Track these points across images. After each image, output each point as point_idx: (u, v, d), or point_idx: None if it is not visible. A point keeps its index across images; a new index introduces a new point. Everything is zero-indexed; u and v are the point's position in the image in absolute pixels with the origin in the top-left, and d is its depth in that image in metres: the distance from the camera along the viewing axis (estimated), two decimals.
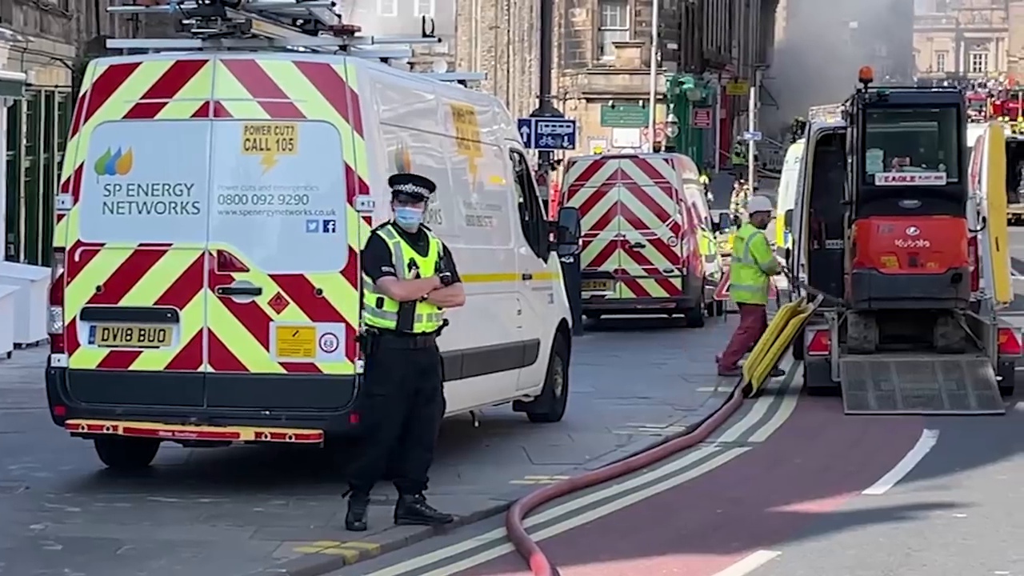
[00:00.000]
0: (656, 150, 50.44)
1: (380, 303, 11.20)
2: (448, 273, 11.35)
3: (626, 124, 63.19)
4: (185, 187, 12.59)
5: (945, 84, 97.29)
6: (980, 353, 18.78)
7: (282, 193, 12.52)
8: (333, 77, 12.62)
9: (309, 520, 11.49)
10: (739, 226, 35.72)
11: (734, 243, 21.67)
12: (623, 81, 64.97)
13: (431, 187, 11.57)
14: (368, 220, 12.38)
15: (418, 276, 11.22)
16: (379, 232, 11.38)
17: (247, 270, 12.48)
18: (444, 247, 11.52)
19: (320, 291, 12.41)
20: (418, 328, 11.22)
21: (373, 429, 11.31)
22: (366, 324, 11.32)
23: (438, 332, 11.40)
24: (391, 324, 11.20)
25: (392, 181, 11.61)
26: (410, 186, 11.41)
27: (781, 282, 26.85)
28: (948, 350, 18.95)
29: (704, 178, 49.46)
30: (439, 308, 11.37)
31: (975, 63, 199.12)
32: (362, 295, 11.78)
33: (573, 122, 32.23)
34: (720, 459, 14.91)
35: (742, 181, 54.83)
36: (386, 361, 11.22)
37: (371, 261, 11.31)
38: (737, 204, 49.20)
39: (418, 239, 11.35)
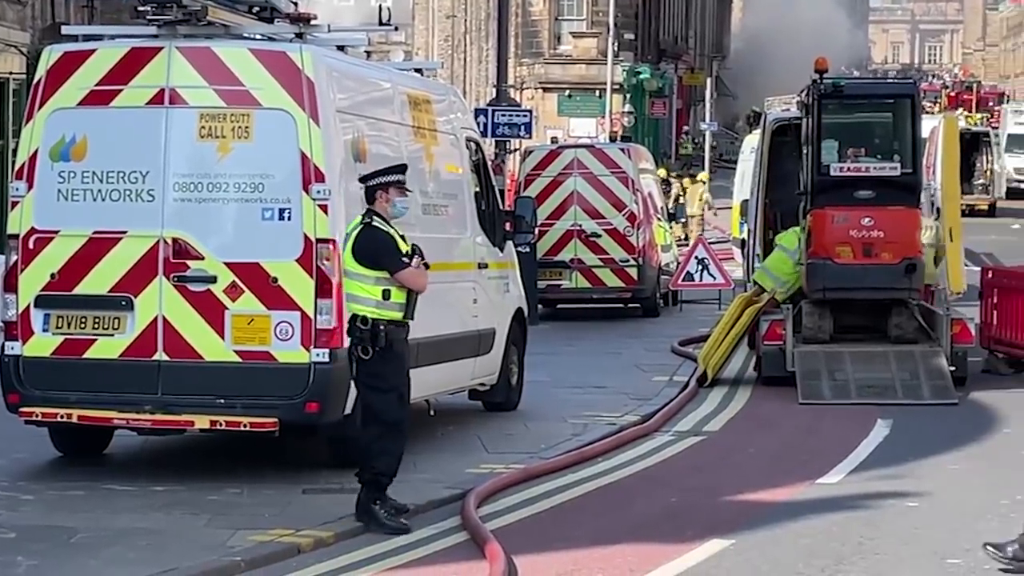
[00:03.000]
0: (612, 140, 50.42)
1: (387, 295, 11.05)
2: (426, 260, 11.37)
3: (583, 114, 63.21)
4: (140, 175, 12.54)
5: (899, 75, 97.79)
6: (934, 343, 18.88)
7: (238, 181, 12.48)
8: (289, 65, 12.59)
9: (264, 508, 11.47)
10: (677, 219, 35.70)
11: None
12: (580, 71, 64.97)
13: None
14: (324, 208, 12.38)
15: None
16: (375, 224, 11.19)
17: (202, 258, 12.44)
18: None
19: (276, 279, 12.38)
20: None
21: (398, 422, 11.18)
22: (370, 318, 11.07)
23: None
24: (398, 315, 11.11)
25: (390, 171, 11.49)
26: (402, 176, 11.39)
27: (737, 272, 26.98)
28: (902, 340, 19.05)
29: (704, 176, 49.51)
30: None
31: (930, 55, 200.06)
32: (313, 285, 11.68)
33: (530, 111, 32.23)
34: (675, 448, 14.97)
35: (675, 174, 54.83)
36: (400, 352, 11.16)
37: (388, 254, 11.09)
38: (679, 196, 49.21)
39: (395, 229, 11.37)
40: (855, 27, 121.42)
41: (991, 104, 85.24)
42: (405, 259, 11.08)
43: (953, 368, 18.43)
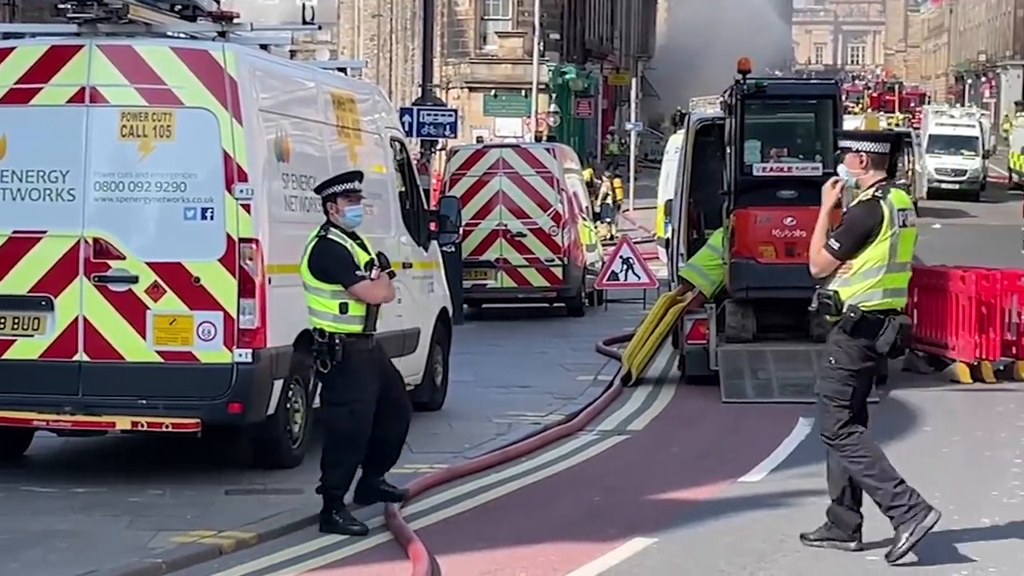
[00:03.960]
0: (538, 139, 50.53)
1: (344, 308, 10.94)
2: (392, 269, 11.35)
3: (508, 113, 63.27)
4: (60, 174, 12.45)
5: (822, 76, 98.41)
6: None
7: (159, 180, 12.42)
8: (211, 64, 12.54)
9: (186, 510, 11.42)
10: (602, 218, 35.78)
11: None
12: (506, 70, 65.02)
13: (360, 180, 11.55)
14: (247, 208, 12.34)
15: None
16: (330, 236, 11.09)
17: (124, 258, 12.37)
18: None
19: (198, 279, 12.33)
20: (378, 328, 11.18)
21: (351, 437, 11.07)
22: (327, 332, 10.99)
23: None
24: (358, 328, 11.01)
25: (336, 181, 11.41)
26: (355, 183, 11.33)
27: (662, 271, 27.08)
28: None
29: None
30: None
31: (853, 55, 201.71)
32: (236, 285, 11.64)
33: (455, 111, 32.24)
34: (599, 447, 15.01)
35: (608, 173, 55.03)
36: (359, 367, 11.03)
37: (341, 267, 11.00)
38: (607, 195, 49.41)
39: (355, 238, 11.27)
40: (779, 28, 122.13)
41: (913, 105, 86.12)
42: (359, 272, 10.98)
43: None
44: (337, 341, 10.93)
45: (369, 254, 11.22)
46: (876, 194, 10.32)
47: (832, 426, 10.46)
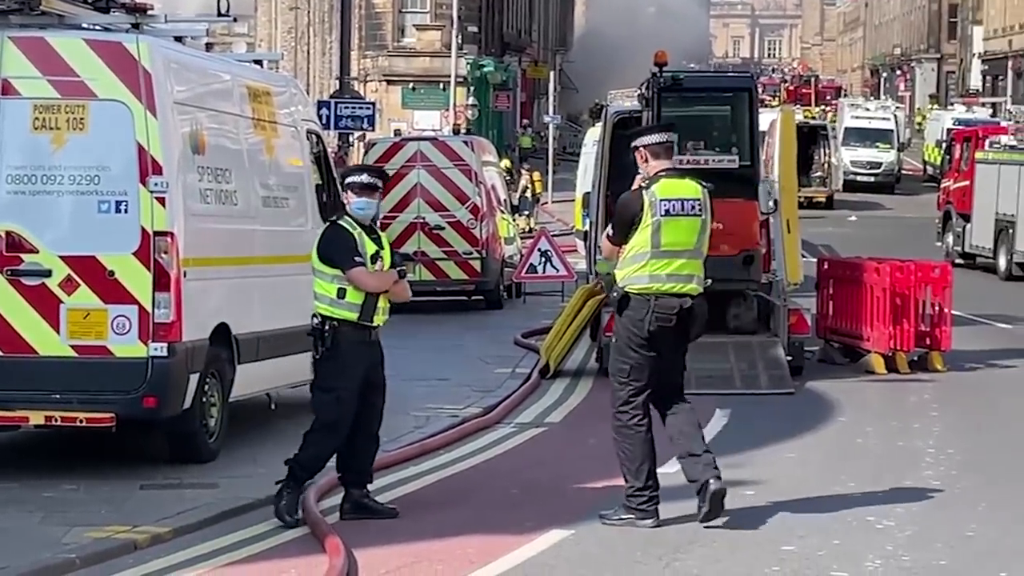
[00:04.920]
0: (456, 132, 50.49)
1: (342, 294, 11.02)
2: (404, 267, 11.45)
3: (427, 106, 63.15)
4: None
5: (738, 69, 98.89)
6: (771, 334, 19.15)
7: (73, 173, 12.32)
8: (125, 56, 12.45)
9: (100, 505, 11.34)
10: (521, 211, 35.90)
11: None
12: (424, 63, 64.91)
13: (385, 178, 11.63)
14: (161, 201, 12.27)
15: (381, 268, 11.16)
16: (340, 222, 11.18)
17: (37, 251, 12.26)
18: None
19: (112, 273, 12.25)
20: (376, 320, 11.21)
21: (332, 423, 11.13)
22: (320, 315, 11.06)
23: None
24: (352, 316, 11.06)
25: (351, 172, 11.47)
26: (365, 176, 11.33)
27: (580, 264, 27.14)
28: (740, 331, 19.29)
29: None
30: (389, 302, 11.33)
31: (770, 49, 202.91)
32: (151, 279, 11.57)
33: (373, 104, 32.23)
34: (516, 440, 15.03)
35: (527, 167, 55.10)
36: (347, 354, 11.07)
37: (340, 250, 11.06)
38: (527, 188, 49.44)
39: (371, 232, 11.29)
40: (696, 21, 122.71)
41: (829, 98, 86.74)
42: (358, 258, 11.01)
43: (790, 358, 18.70)
44: (328, 327, 11.00)
45: (381, 247, 11.28)
46: (642, 184, 11.00)
47: (615, 401, 11.04)
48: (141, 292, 12.22)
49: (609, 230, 11.15)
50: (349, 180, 11.35)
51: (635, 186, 11.09)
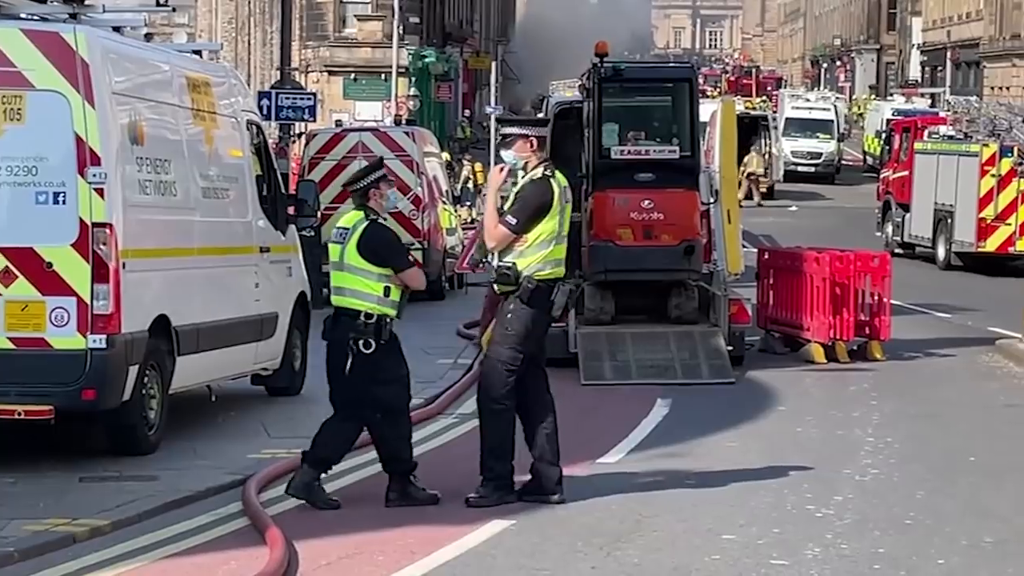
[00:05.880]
0: (397, 123, 50.38)
1: (387, 292, 11.22)
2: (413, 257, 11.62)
3: (368, 97, 62.97)
4: None
5: (679, 60, 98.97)
6: (712, 324, 19.21)
7: (10, 164, 12.22)
8: (63, 46, 12.36)
9: (40, 498, 11.27)
10: (462, 201, 35.82)
11: None
12: (365, 54, 64.76)
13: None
14: (100, 192, 12.20)
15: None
16: (380, 221, 11.34)
17: None
18: None
19: (50, 264, 12.17)
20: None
21: (405, 408, 11.59)
22: (375, 313, 11.22)
23: None
24: (393, 312, 11.29)
25: (370, 171, 11.61)
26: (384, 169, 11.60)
27: None
28: (682, 321, 19.34)
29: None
30: None
31: (711, 40, 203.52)
32: (90, 270, 11.50)
33: (314, 94, 32.05)
34: (458, 431, 15.02)
35: (469, 157, 55.05)
36: (398, 345, 11.42)
37: (396, 251, 11.36)
38: (468, 179, 49.43)
39: None
40: (638, 12, 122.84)
41: (769, 89, 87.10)
42: (411, 257, 11.38)
43: (731, 348, 18.77)
44: (388, 320, 11.24)
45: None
46: (546, 172, 11.30)
47: (500, 389, 11.31)
48: (80, 284, 12.15)
49: (510, 219, 11.22)
50: (379, 174, 11.52)
51: (504, 172, 11.45)
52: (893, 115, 55.90)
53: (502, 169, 11.52)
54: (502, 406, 11.35)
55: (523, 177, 11.46)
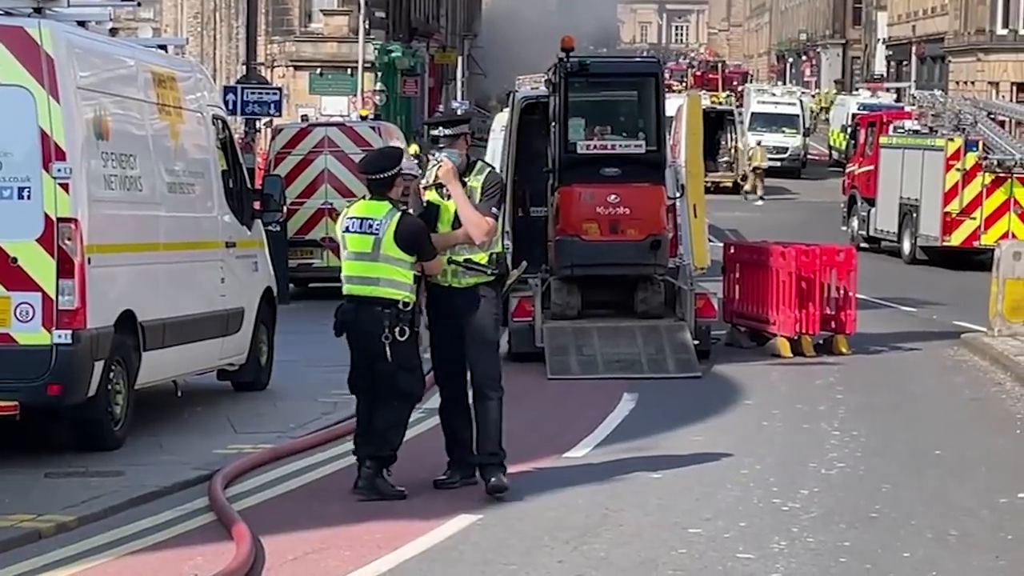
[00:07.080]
0: (364, 118, 50.32)
1: (416, 280, 11.46)
2: None
3: (334, 92, 62.84)
4: None
5: (645, 55, 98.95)
6: (678, 318, 19.24)
7: None
8: (27, 40, 12.32)
9: (4, 494, 11.23)
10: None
11: None
12: (331, 49, 64.58)
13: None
14: (65, 187, 12.16)
15: None
16: (409, 211, 11.50)
17: None
18: None
19: (15, 259, 12.13)
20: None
21: (415, 396, 11.82)
22: (410, 301, 11.41)
23: None
24: (413, 299, 11.46)
25: (399, 158, 11.80)
26: (415, 162, 11.63)
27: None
28: (648, 315, 19.37)
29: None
30: None
31: (677, 35, 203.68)
32: (55, 265, 11.47)
33: (280, 89, 32.10)
34: (425, 425, 14.97)
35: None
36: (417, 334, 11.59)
37: (428, 242, 11.46)
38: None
39: None
40: (604, 7, 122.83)
41: (735, 83, 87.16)
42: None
43: (697, 342, 18.80)
44: (420, 308, 11.49)
45: None
46: (484, 162, 12.04)
47: (500, 374, 11.88)
48: (45, 279, 12.11)
49: (495, 211, 11.68)
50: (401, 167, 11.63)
51: (453, 170, 11.70)
52: (859, 110, 56.01)
53: (449, 169, 11.71)
54: (503, 391, 11.84)
55: (471, 173, 11.78)
